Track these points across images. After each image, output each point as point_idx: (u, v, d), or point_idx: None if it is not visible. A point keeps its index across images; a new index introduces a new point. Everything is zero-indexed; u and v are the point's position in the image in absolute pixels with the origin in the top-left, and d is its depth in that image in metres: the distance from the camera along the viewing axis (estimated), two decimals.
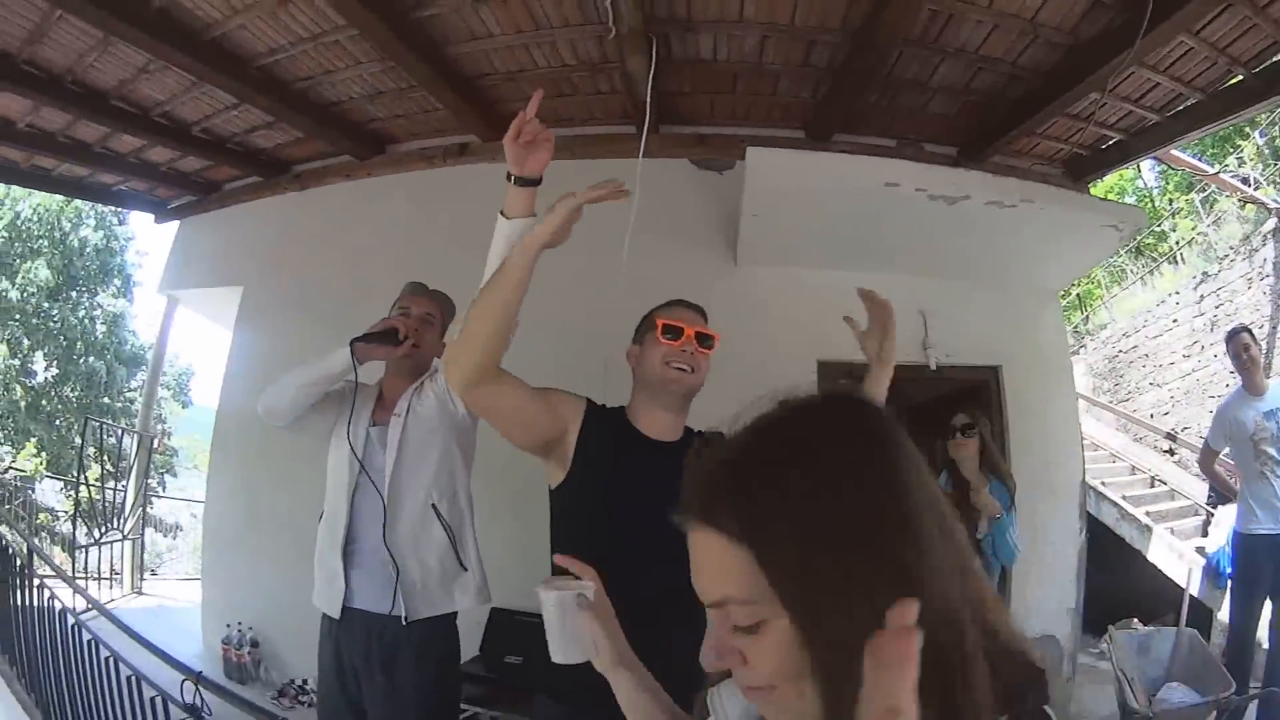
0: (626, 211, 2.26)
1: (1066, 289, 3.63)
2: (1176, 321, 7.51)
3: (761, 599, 0.47)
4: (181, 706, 2.06)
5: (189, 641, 3.58)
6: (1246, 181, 7.67)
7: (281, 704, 3.15)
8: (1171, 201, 9.54)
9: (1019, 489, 3.09)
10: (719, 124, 3.36)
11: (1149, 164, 10.20)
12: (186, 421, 13.21)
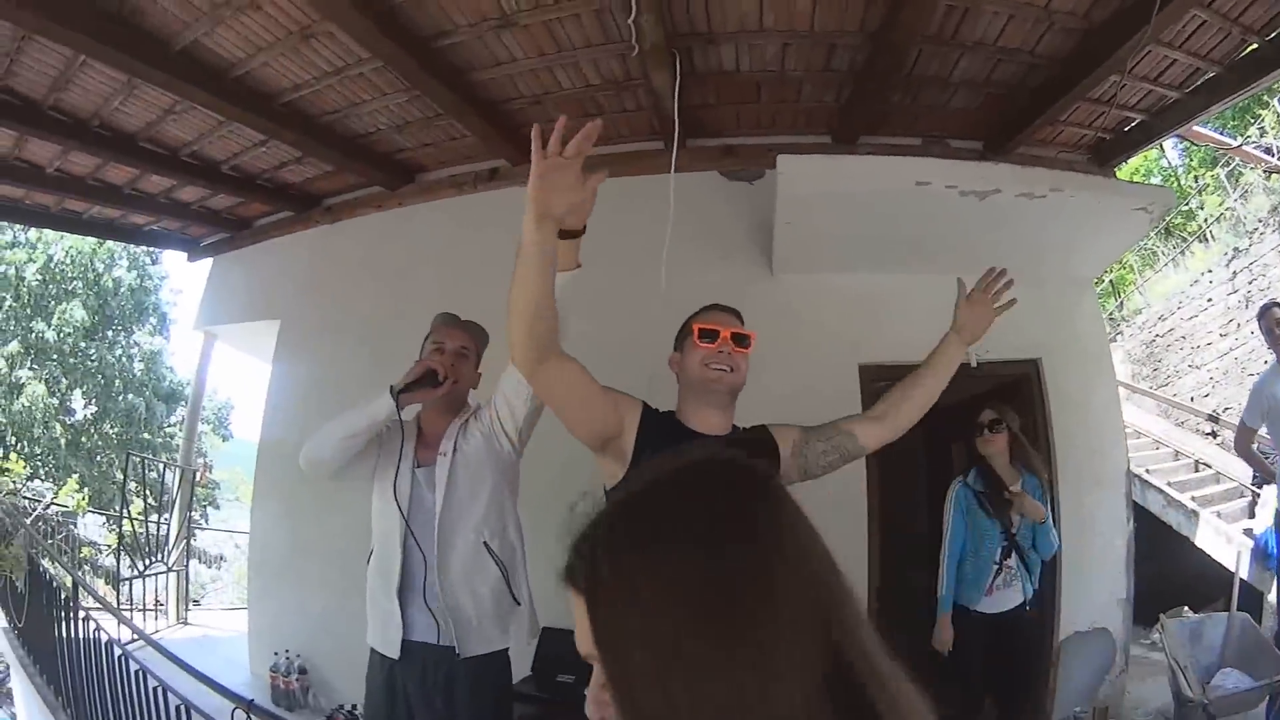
0: (662, 227, 2.28)
1: (1100, 276, 3.57)
2: (1211, 301, 7.36)
3: None
4: None
5: (237, 670, 3.63)
6: (1269, 151, 7.54)
7: None
8: (1197, 179, 9.37)
9: (1064, 480, 3.07)
10: (746, 134, 3.37)
11: (1172, 143, 10.06)
12: (227, 455, 13.40)
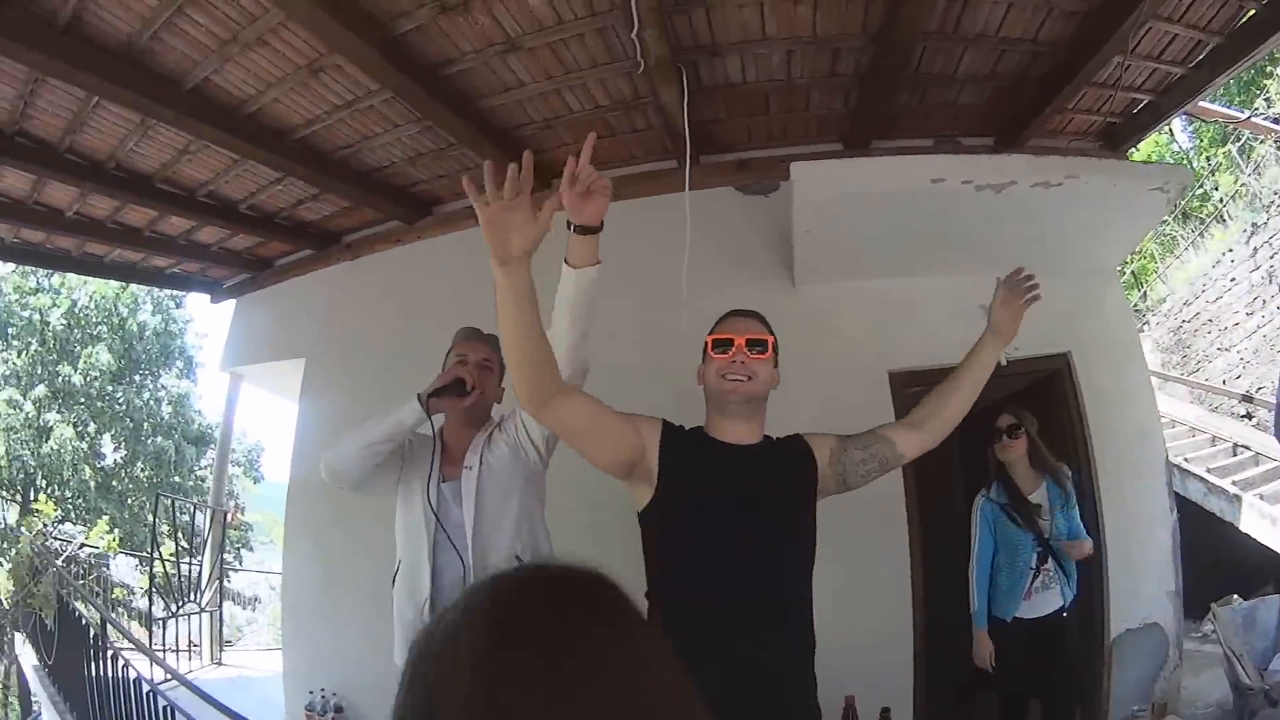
0: (681, 246, 2.27)
1: (1123, 265, 3.52)
2: (1234, 280, 7.23)
3: None
4: None
5: (272, 710, 3.63)
6: (1278, 121, 7.44)
7: None
8: (1209, 160, 9.24)
9: (1103, 474, 3.01)
10: (758, 147, 3.37)
11: (1181, 126, 9.97)
12: (260, 498, 13.48)
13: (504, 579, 0.48)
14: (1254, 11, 2.68)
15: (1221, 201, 8.70)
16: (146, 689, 2.63)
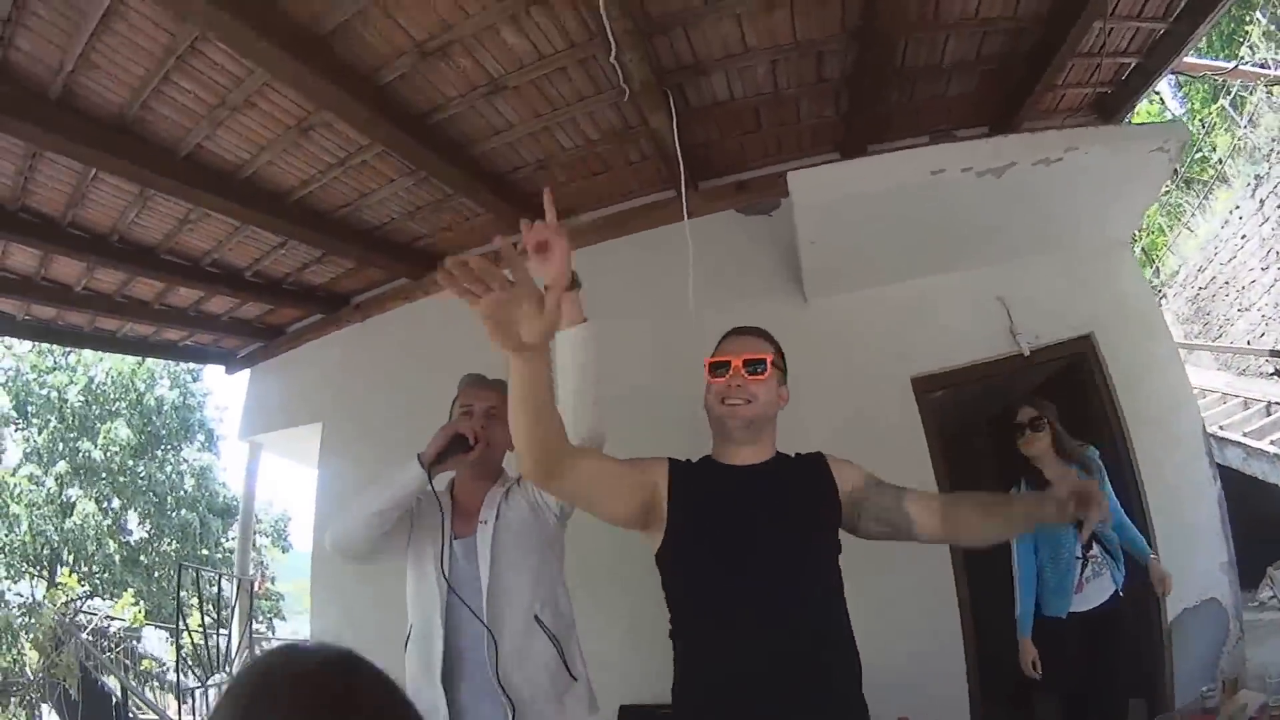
0: (685, 274, 2.25)
1: (1135, 237, 3.46)
2: (1244, 237, 7.12)
3: None
4: None
5: None
6: (1265, 66, 7.40)
7: None
8: (1203, 122, 9.17)
9: (1140, 451, 2.92)
10: (754, 166, 3.35)
11: (1171, 92, 9.93)
12: (290, 568, 13.39)
13: (262, 663, 0.49)
14: None
15: (1220, 161, 8.62)
16: None
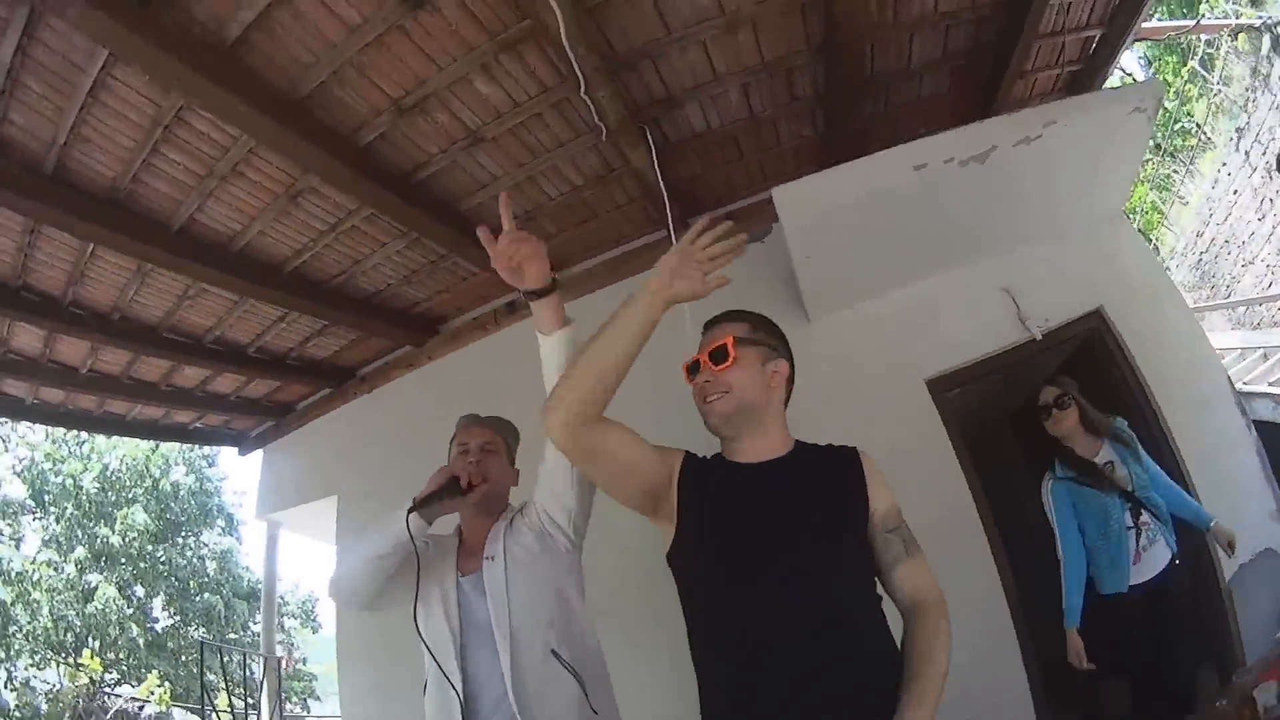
0: (680, 314, 2.23)
1: (1129, 204, 3.44)
2: (1237, 192, 7.10)
3: None
4: None
5: None
6: (1226, 15, 7.45)
7: None
8: (1177, 92, 9.21)
9: (1171, 416, 2.85)
10: (741, 196, 3.36)
11: (1140, 67, 10.02)
12: (322, 649, 13.28)
13: None
14: None
15: (1199, 127, 8.64)
16: None
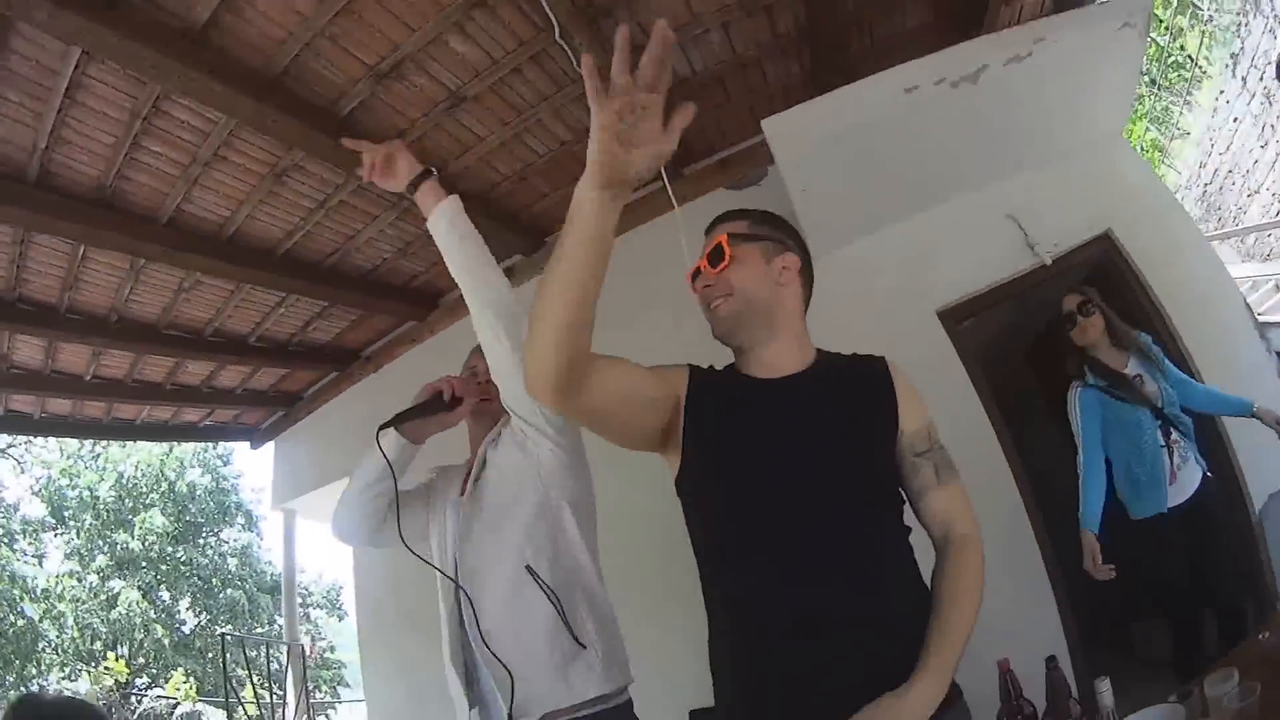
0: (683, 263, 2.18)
1: (1128, 124, 3.32)
2: (1237, 119, 6.95)
3: None
4: None
5: None
6: None
7: None
8: (1168, 28, 8.99)
9: (1189, 340, 2.78)
10: (734, 141, 3.29)
11: None
12: (349, 638, 13.39)
13: None
14: None
15: (1191, 60, 8.45)
16: None
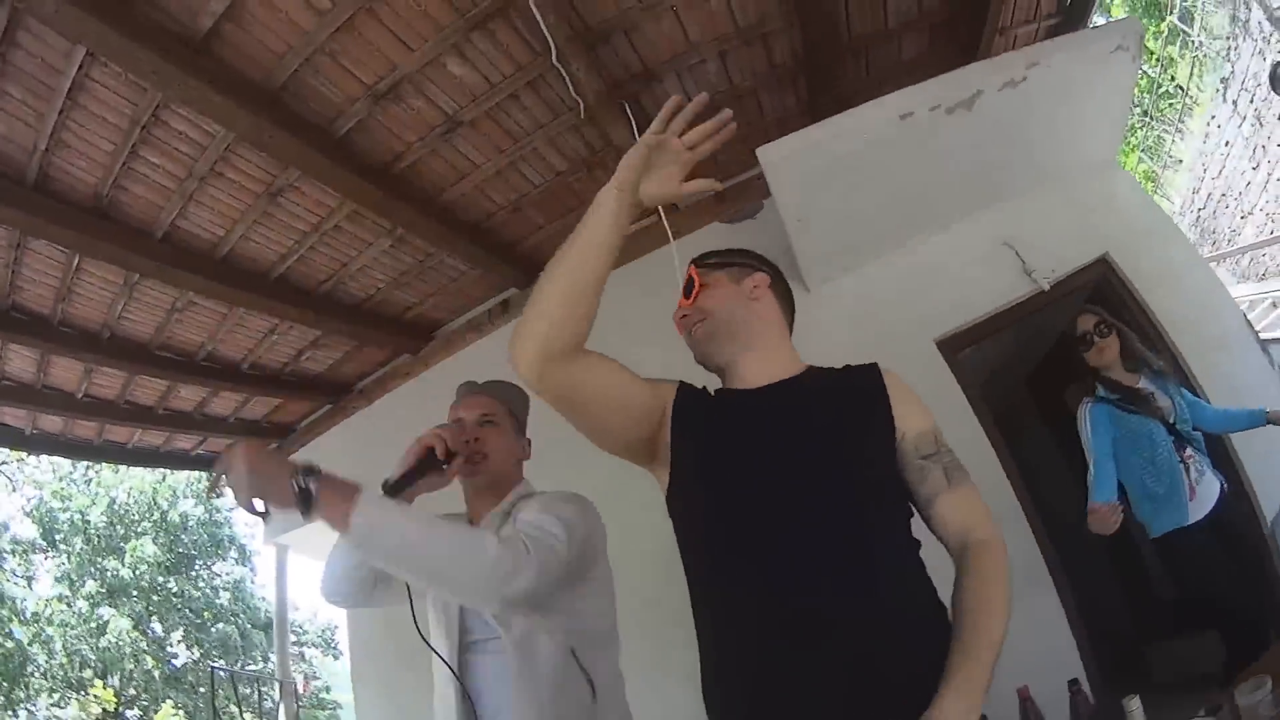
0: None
1: (1121, 155, 3.37)
2: (1229, 143, 7.05)
3: None
4: None
5: None
6: None
7: None
8: (1158, 59, 9.15)
9: (1190, 358, 2.76)
10: (729, 174, 3.26)
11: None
12: (344, 678, 13.15)
13: None
14: None
15: (1181, 90, 8.59)
16: None
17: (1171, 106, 9.05)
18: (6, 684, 9.87)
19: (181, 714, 9.71)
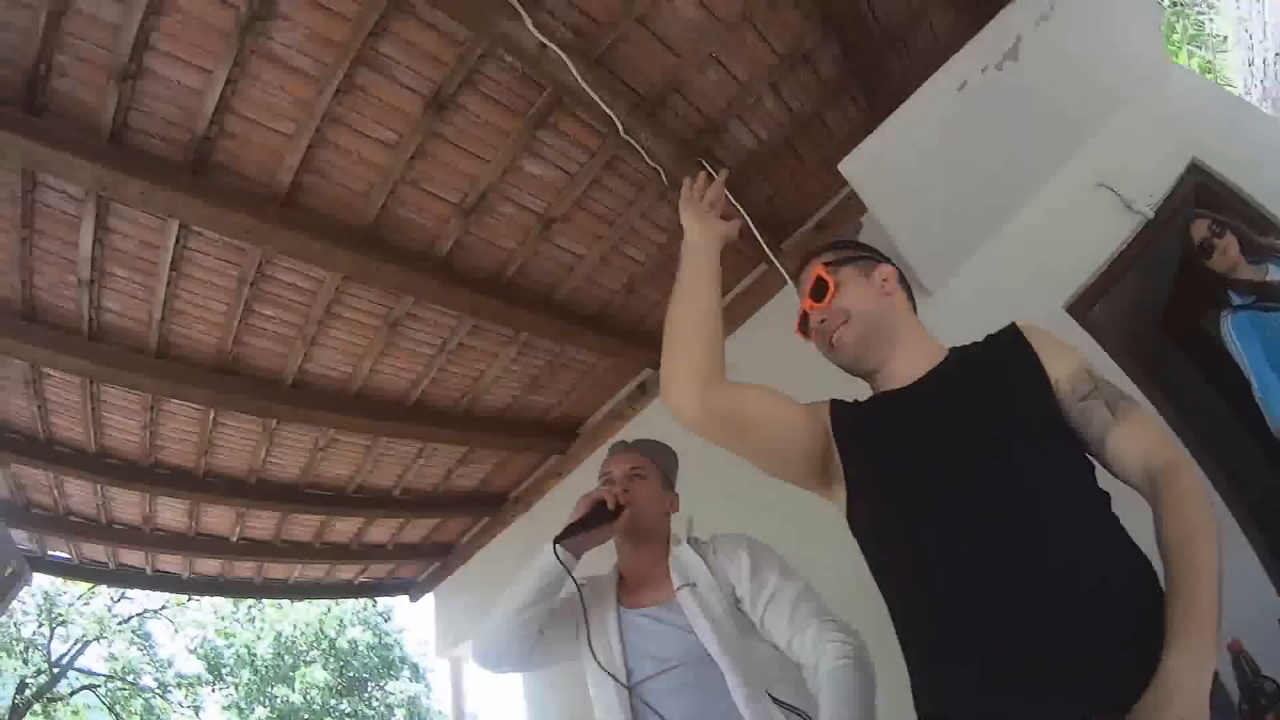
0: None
1: (1172, 47, 3.26)
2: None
3: None
4: None
5: None
6: None
7: None
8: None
9: None
10: (821, 202, 3.24)
11: None
12: None
13: None
14: None
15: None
16: None
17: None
18: None
19: None
